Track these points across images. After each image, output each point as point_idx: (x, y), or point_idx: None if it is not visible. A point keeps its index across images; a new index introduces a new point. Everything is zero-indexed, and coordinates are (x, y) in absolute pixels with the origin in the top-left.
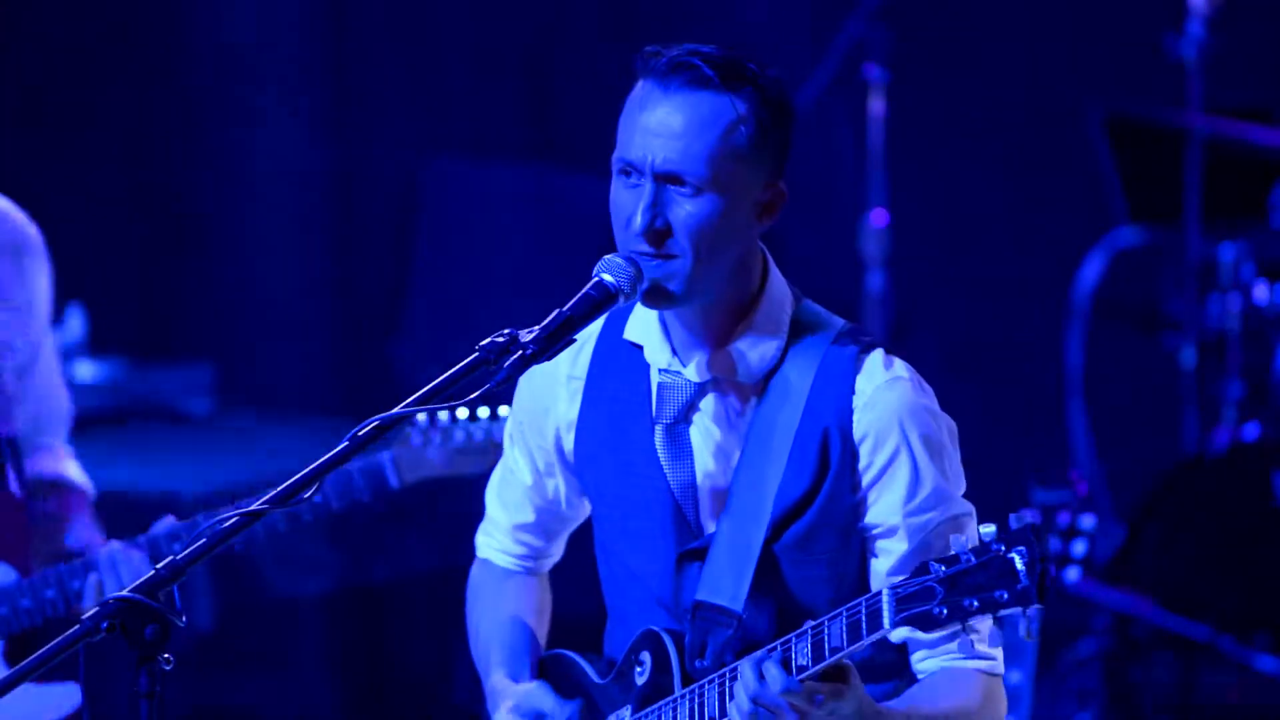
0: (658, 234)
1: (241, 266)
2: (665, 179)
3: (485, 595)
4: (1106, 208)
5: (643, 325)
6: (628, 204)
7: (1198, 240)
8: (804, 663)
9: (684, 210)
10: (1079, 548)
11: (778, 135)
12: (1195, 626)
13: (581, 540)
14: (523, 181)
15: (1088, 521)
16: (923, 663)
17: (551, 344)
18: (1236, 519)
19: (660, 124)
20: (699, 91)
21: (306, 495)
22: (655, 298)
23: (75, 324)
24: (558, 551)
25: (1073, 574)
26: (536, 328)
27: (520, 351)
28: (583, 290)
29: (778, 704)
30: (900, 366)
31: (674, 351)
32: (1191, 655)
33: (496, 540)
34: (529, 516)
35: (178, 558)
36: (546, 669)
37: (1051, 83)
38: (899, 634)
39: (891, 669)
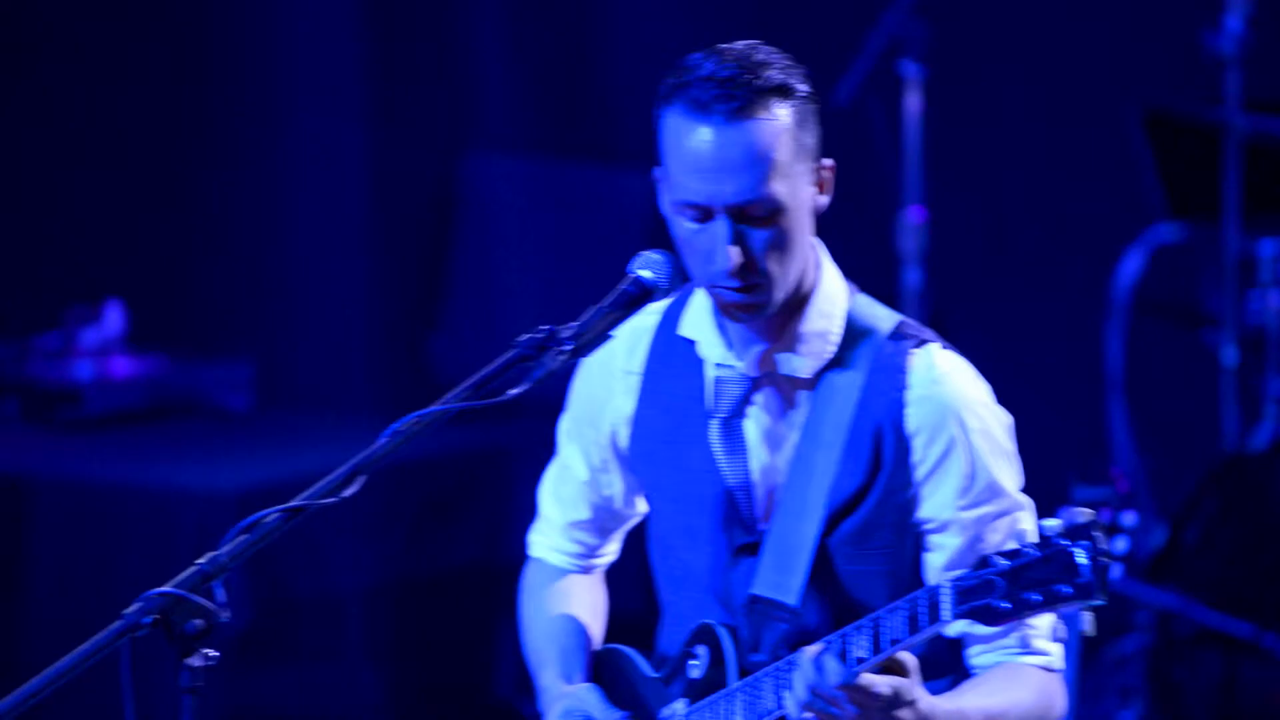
0: (742, 269)
1: (281, 263)
2: (737, 213)
3: (538, 595)
4: (1145, 204)
5: (697, 320)
6: (702, 243)
7: (1237, 236)
8: (862, 655)
9: (762, 237)
10: (1120, 545)
11: (814, 122)
12: (1238, 624)
13: (635, 537)
14: (562, 177)
15: (1129, 519)
16: (979, 658)
17: (588, 340)
18: (1278, 515)
19: (719, 160)
20: (745, 121)
21: (346, 492)
22: (742, 316)
23: (116, 320)
24: (613, 551)
25: (1114, 571)
26: (574, 323)
27: (558, 347)
28: (620, 286)
29: (835, 696)
30: (955, 360)
31: (729, 345)
32: (1234, 653)
33: (550, 539)
34: (584, 514)
35: (220, 553)
36: (600, 664)
37: (1089, 78)
38: (957, 628)
39: (944, 665)
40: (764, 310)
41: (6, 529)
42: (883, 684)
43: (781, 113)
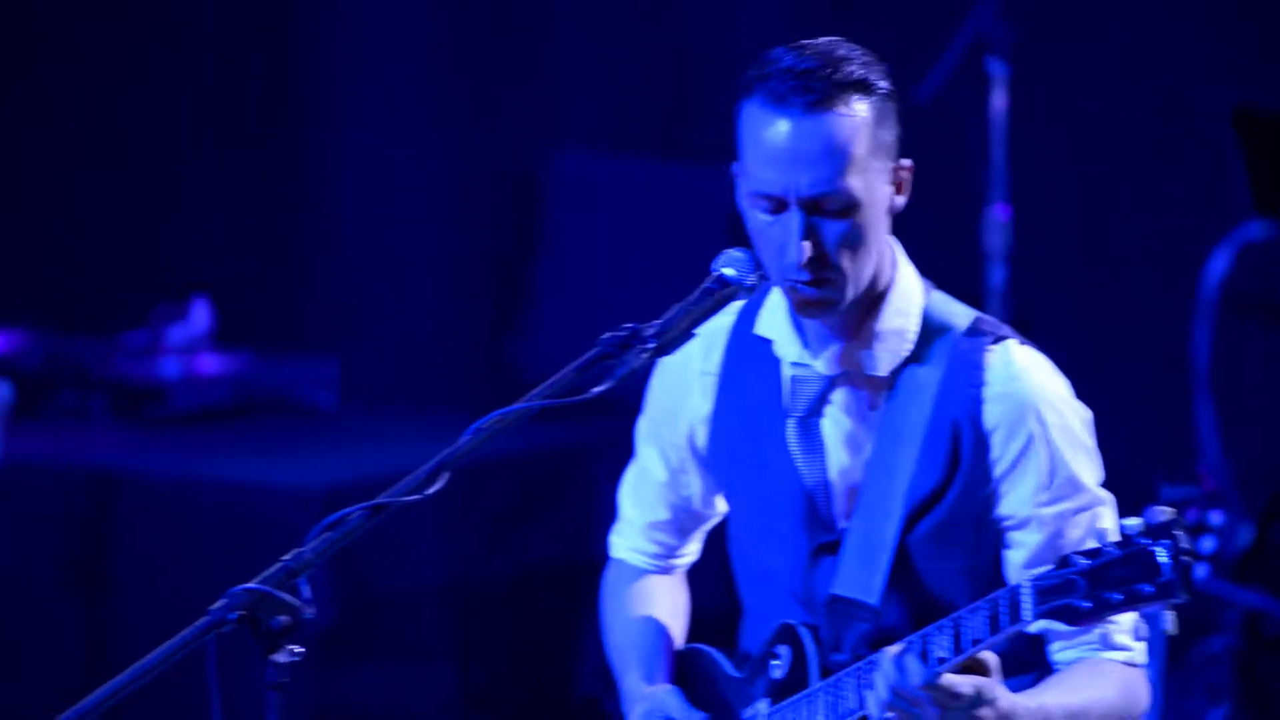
0: (814, 262)
1: (366, 261)
2: (811, 205)
3: (619, 596)
4: (1233, 201)
5: (774, 320)
6: (776, 235)
7: None
8: (943, 655)
9: (835, 231)
10: (1207, 544)
11: (893, 121)
12: None
13: (718, 536)
14: (645, 176)
15: (1216, 518)
16: (1061, 653)
17: (671, 338)
18: None
19: (794, 152)
20: (823, 113)
21: (429, 490)
22: (814, 312)
23: (202, 317)
24: (694, 551)
25: (1201, 571)
26: (657, 322)
27: (641, 346)
28: (703, 285)
29: (917, 696)
30: (1033, 356)
31: (805, 344)
32: None
33: (630, 540)
34: (663, 515)
35: (304, 550)
36: (682, 664)
37: (1176, 75)
38: (1037, 626)
39: (1027, 662)
40: (835, 307)
41: (95, 525)
42: (965, 684)
43: (860, 108)
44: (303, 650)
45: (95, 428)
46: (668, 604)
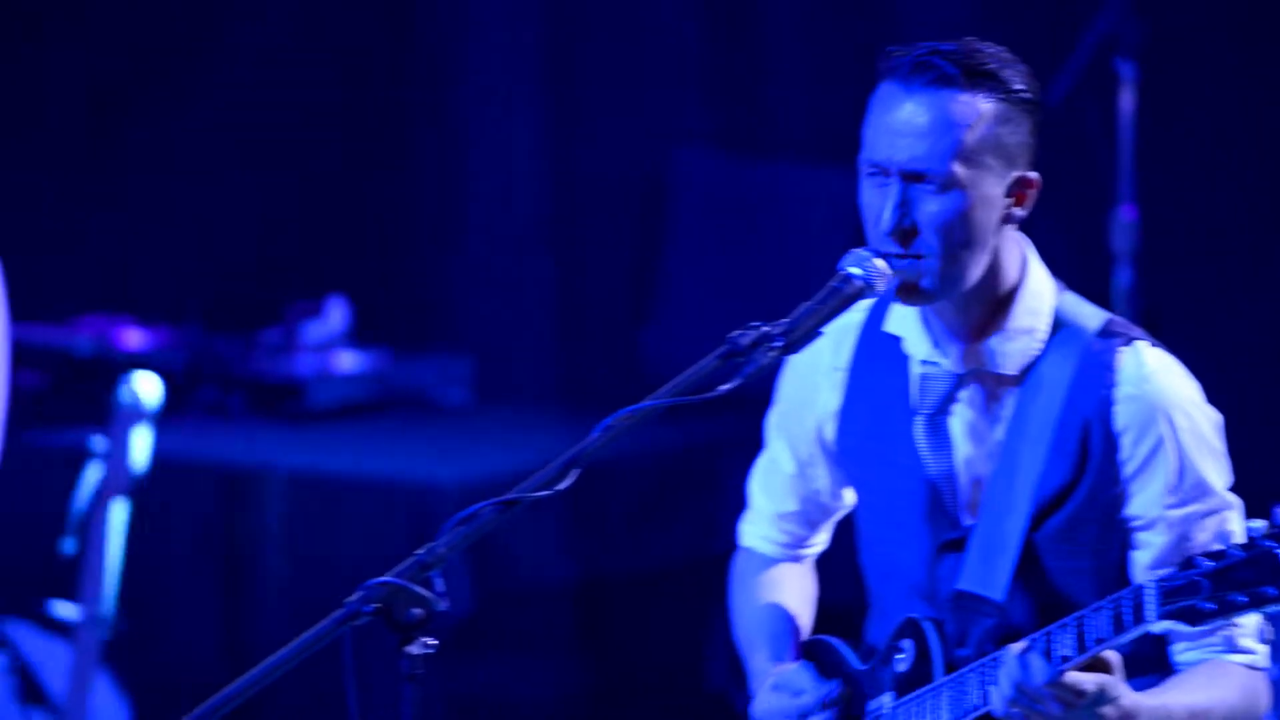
0: (905, 233)
1: (498, 260)
2: (911, 177)
3: (749, 582)
4: None
5: (903, 317)
6: (876, 203)
7: None
8: (1067, 653)
9: (930, 208)
10: None
11: (1023, 128)
12: None
13: (845, 528)
14: (773, 175)
15: None
16: (1184, 654)
17: (798, 337)
18: None
19: (904, 123)
20: (942, 90)
21: (560, 486)
22: (907, 295)
23: (338, 315)
24: (822, 541)
25: None
26: (785, 320)
27: (768, 344)
28: (829, 284)
29: (1040, 693)
30: (1164, 358)
31: (935, 343)
32: None
33: (760, 529)
34: (792, 505)
35: (437, 544)
36: (807, 654)
37: None
38: (1160, 626)
39: (1150, 662)
40: (925, 295)
41: (233, 520)
42: (1088, 681)
43: (983, 100)
44: (436, 642)
45: (234, 424)
46: (796, 591)
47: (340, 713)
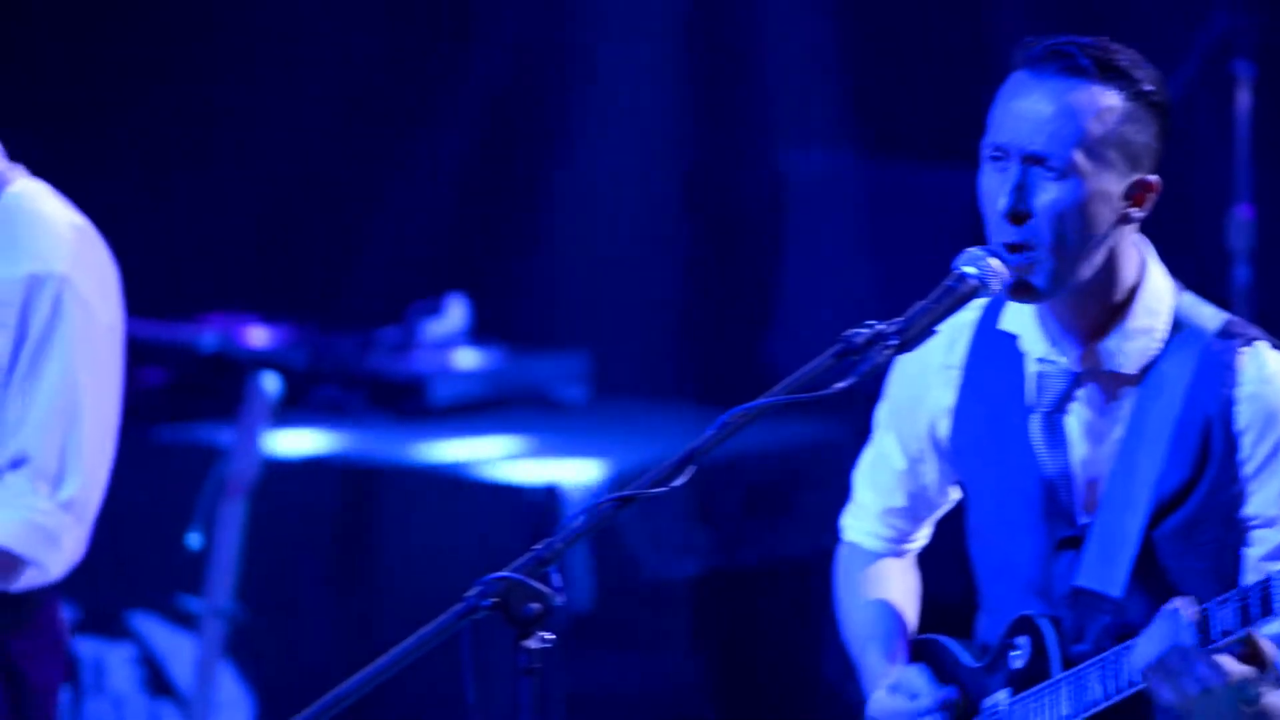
0: (1019, 215)
1: (614, 259)
2: (1032, 160)
3: (856, 578)
4: None
5: (1019, 315)
6: (995, 187)
7: None
8: (1228, 628)
9: (1048, 194)
10: None
11: (1149, 130)
12: None
13: (950, 524)
14: (889, 175)
15: None
16: None
17: (913, 336)
18: None
19: (1030, 108)
20: (1072, 79)
21: (675, 482)
22: (1020, 291)
23: (458, 313)
24: (925, 535)
25: None
26: (900, 319)
27: (882, 343)
28: (943, 283)
29: (1189, 664)
30: None
31: (1052, 341)
32: None
33: (865, 524)
34: (900, 501)
35: (555, 539)
36: (919, 653)
37: None
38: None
39: None
40: (1036, 293)
41: (356, 515)
42: (1241, 667)
43: (1110, 94)
44: (553, 637)
45: (354, 421)
46: (902, 587)
47: (458, 706)
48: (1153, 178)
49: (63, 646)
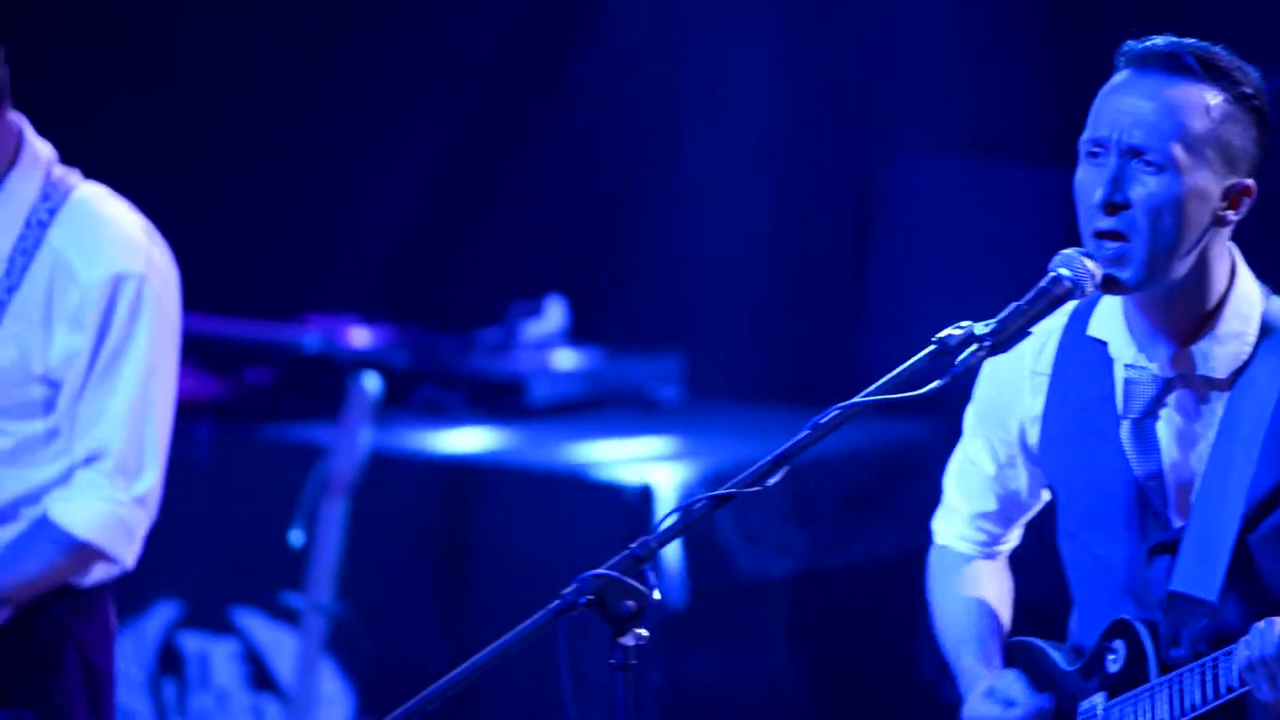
0: (1114, 206)
1: (710, 260)
2: (1130, 153)
3: (949, 581)
4: None
5: (1107, 321)
6: (1092, 181)
7: None
8: None
9: (1144, 188)
10: None
11: (1249, 134)
12: None
13: (1040, 526)
14: (983, 178)
15: None
16: None
17: (1007, 337)
18: None
19: (1131, 103)
20: (1174, 77)
21: (769, 481)
22: (1110, 284)
23: (557, 314)
24: (1016, 537)
25: None
26: (992, 321)
27: (976, 344)
28: (1038, 285)
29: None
30: None
31: (1140, 347)
32: None
33: (956, 527)
34: (990, 505)
35: (650, 538)
36: (1013, 655)
37: None
38: None
39: None
40: (1126, 286)
41: (457, 514)
42: None
43: (1212, 94)
44: (648, 634)
45: (455, 421)
46: (995, 590)
47: (554, 702)
48: (1249, 181)
49: (114, 640)
